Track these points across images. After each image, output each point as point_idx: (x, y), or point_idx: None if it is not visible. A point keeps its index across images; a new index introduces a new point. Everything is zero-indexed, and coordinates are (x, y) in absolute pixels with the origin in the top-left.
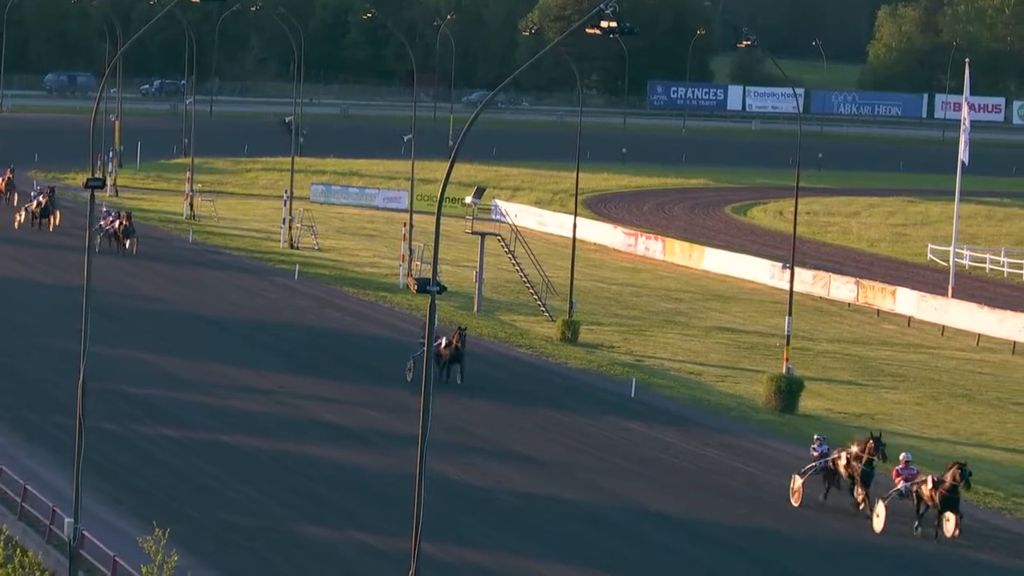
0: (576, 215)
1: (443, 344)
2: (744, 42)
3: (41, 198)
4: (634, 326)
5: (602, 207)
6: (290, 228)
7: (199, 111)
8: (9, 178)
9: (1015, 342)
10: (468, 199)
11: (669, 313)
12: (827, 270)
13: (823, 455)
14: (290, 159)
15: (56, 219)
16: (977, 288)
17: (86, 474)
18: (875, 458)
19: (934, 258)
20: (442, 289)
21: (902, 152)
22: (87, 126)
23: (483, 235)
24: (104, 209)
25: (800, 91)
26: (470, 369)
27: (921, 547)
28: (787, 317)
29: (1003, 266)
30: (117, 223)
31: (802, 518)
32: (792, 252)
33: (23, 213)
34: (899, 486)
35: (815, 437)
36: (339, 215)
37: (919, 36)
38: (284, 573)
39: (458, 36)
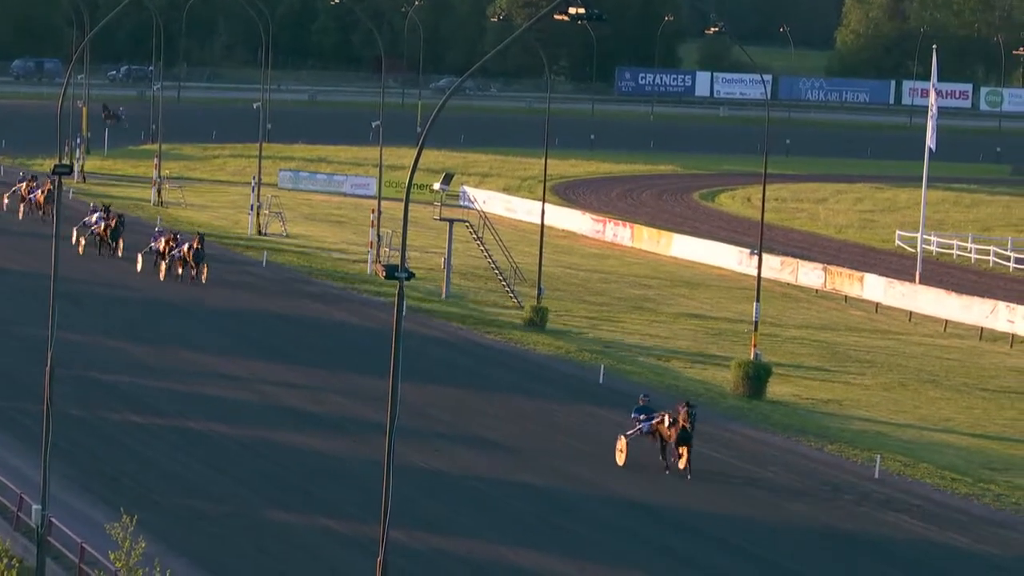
0: (544, 201)
1: (666, 422)
2: (712, 28)
3: (111, 220)
4: (602, 312)
5: (570, 193)
6: (258, 214)
7: (167, 97)
8: (50, 190)
9: (982, 328)
10: (436, 185)
11: (637, 299)
12: (795, 256)
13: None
14: (258, 145)
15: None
16: (944, 274)
17: (54, 461)
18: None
19: (902, 244)
20: (410, 275)
21: (870, 138)
22: (54, 112)
23: (451, 221)
24: (157, 229)
25: (768, 77)
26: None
27: (887, 533)
28: (755, 303)
29: (970, 252)
30: (187, 247)
31: (769, 504)
32: (760, 238)
33: (76, 234)
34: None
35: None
36: (307, 201)
37: (886, 22)
38: (252, 559)
39: (426, 22)
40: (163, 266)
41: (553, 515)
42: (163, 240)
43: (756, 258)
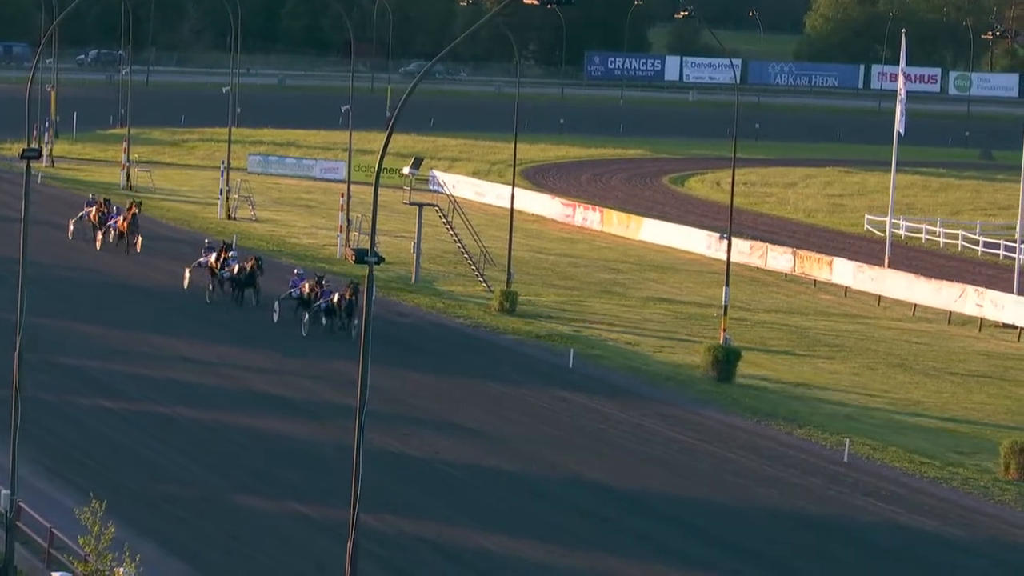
0: (514, 186)
1: None
2: (681, 13)
3: (246, 263)
4: (572, 296)
5: (540, 178)
6: (227, 199)
7: (135, 81)
8: (133, 215)
9: (951, 312)
10: (406, 170)
11: (607, 283)
12: (764, 240)
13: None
14: (227, 130)
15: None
16: (913, 258)
17: (23, 446)
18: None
19: (871, 228)
20: (380, 260)
21: (839, 122)
22: (23, 96)
23: (421, 206)
24: (297, 272)
25: (737, 62)
26: None
27: (856, 516)
28: (724, 287)
29: (939, 236)
30: (336, 297)
31: (739, 488)
32: (729, 222)
33: (189, 274)
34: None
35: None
36: (276, 186)
37: (855, 7)
38: (222, 544)
39: (395, 6)
40: (306, 317)
41: (523, 500)
42: (306, 285)
43: (725, 242)
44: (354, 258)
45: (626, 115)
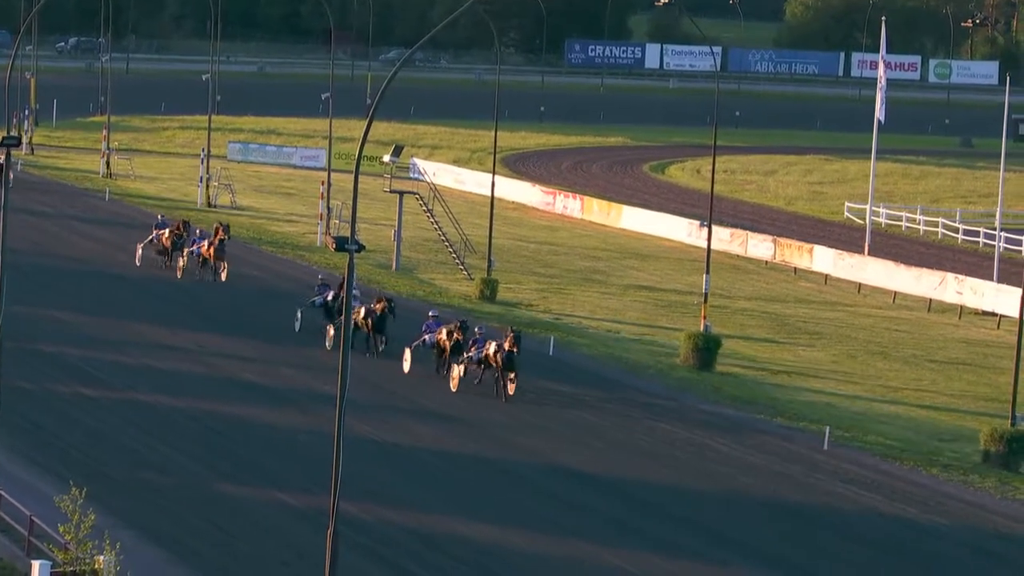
0: (494, 173)
1: None
2: (661, 0)
3: (375, 305)
4: (552, 284)
5: (520, 165)
6: (207, 186)
7: (115, 69)
8: (220, 240)
9: (931, 299)
10: (386, 158)
11: (587, 271)
12: (745, 228)
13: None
14: (207, 117)
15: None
16: (893, 246)
17: (2, 434)
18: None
19: (851, 216)
20: (360, 248)
21: (819, 110)
22: (2, 84)
23: (401, 193)
24: (432, 314)
25: (717, 49)
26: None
27: (837, 504)
28: (705, 275)
29: (919, 224)
30: (492, 349)
31: (719, 475)
32: (710, 210)
33: (300, 316)
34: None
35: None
36: (257, 173)
37: None
38: (202, 532)
39: None
40: (456, 372)
41: (502, 487)
42: (443, 331)
43: (706, 230)
44: (335, 246)
45: (606, 103)
